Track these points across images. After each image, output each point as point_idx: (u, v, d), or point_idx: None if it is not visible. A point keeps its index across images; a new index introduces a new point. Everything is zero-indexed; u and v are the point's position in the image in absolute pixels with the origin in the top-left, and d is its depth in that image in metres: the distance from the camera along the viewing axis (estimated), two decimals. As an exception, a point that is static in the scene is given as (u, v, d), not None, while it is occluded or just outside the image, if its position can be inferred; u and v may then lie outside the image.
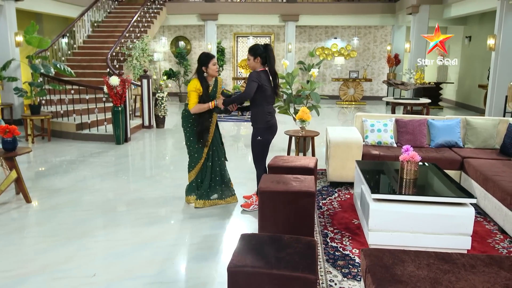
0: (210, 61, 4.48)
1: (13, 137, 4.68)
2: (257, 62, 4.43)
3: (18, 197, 4.98)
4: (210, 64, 4.48)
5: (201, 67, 4.49)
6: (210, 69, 4.49)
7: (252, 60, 4.43)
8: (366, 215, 3.83)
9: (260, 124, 4.47)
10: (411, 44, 12.44)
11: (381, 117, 6.02)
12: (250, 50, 4.46)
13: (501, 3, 8.41)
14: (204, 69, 4.49)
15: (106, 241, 3.88)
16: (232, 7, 14.92)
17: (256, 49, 4.44)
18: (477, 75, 13.33)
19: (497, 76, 8.65)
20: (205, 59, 4.50)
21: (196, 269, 3.40)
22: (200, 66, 4.50)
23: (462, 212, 3.62)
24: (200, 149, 4.68)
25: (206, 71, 4.50)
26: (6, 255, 3.59)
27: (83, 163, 6.70)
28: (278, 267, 2.37)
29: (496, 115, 8.54)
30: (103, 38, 12.21)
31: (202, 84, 4.46)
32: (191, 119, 4.58)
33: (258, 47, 4.46)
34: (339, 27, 16.12)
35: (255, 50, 4.44)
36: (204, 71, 4.50)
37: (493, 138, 5.69)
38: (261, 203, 3.76)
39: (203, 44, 16.46)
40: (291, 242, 2.66)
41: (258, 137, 4.48)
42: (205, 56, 4.52)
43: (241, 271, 2.36)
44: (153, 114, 9.60)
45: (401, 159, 4.07)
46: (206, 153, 4.69)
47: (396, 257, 2.59)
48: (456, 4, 11.13)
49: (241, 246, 2.59)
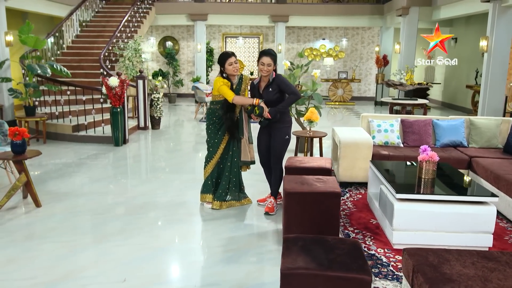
0: (226, 61, 4.41)
1: (23, 139, 4.54)
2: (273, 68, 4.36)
3: (25, 201, 4.84)
4: (226, 64, 4.42)
5: (221, 68, 4.46)
6: (227, 69, 4.42)
7: (273, 65, 4.32)
8: (389, 215, 3.86)
9: (287, 124, 4.49)
10: (401, 45, 12.62)
11: (387, 118, 6.09)
12: (272, 55, 4.29)
13: (493, 6, 8.62)
14: (222, 69, 4.45)
15: (127, 245, 3.80)
16: (221, 7, 14.86)
17: (275, 54, 4.39)
18: (463, 76, 13.63)
19: (489, 77, 8.85)
20: (221, 59, 4.45)
21: (228, 272, 3.35)
22: (220, 67, 4.49)
23: (484, 210, 3.69)
24: (216, 144, 4.64)
25: (224, 72, 4.45)
26: (27, 262, 3.48)
27: (85, 166, 6.56)
28: (332, 268, 2.36)
29: (489, 115, 8.73)
30: (92, 38, 12.00)
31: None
32: (214, 116, 4.56)
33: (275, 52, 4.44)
34: (327, 28, 16.25)
35: (275, 55, 4.36)
36: (224, 72, 4.46)
37: (496, 137, 5.83)
38: (286, 204, 3.75)
39: (192, 45, 16.36)
40: (336, 243, 2.65)
41: (286, 136, 4.49)
42: (221, 56, 4.47)
43: (295, 273, 2.34)
44: (149, 115, 9.48)
45: (420, 159, 4.12)
46: (222, 149, 4.64)
47: (440, 256, 2.62)
48: (446, 6, 11.35)
49: (288, 248, 2.57)
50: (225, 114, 4.51)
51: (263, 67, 4.25)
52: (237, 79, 4.55)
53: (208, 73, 15.94)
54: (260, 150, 4.68)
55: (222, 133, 4.59)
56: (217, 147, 4.65)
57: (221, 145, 4.64)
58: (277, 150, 4.52)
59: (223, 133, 4.59)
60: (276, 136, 4.48)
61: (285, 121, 4.48)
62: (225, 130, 4.57)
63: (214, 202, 4.65)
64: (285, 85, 4.31)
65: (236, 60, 4.45)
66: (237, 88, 4.54)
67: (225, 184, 4.69)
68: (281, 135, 4.47)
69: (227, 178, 4.71)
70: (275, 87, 4.32)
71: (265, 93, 4.36)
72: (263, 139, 4.63)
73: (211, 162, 4.70)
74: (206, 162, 4.74)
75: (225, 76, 4.45)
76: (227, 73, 4.45)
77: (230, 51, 4.50)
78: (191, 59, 16.46)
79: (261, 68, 4.28)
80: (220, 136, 4.61)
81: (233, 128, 4.56)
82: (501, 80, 8.87)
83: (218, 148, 4.65)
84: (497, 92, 8.89)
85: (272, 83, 4.33)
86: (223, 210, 4.63)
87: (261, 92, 4.40)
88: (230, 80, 4.46)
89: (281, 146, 4.51)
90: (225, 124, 4.52)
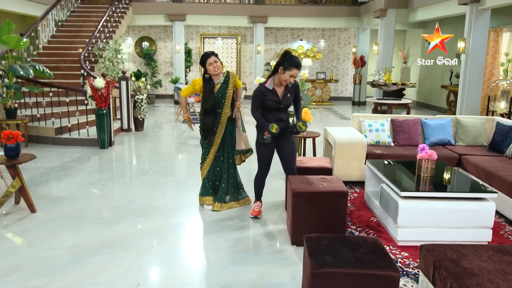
0: (206, 61, 4.36)
1: (17, 143, 4.40)
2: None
3: (18, 207, 4.69)
4: (206, 64, 4.37)
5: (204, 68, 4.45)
6: (208, 69, 4.38)
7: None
8: (393, 213, 3.95)
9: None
10: (379, 46, 12.89)
11: (378, 117, 6.22)
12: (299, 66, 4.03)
13: (470, 8, 8.93)
14: (205, 70, 4.43)
15: (133, 249, 3.74)
16: (200, 8, 14.78)
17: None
18: (437, 77, 14.04)
19: (467, 78, 9.16)
20: (202, 60, 4.41)
21: (240, 273, 3.35)
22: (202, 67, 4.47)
23: (484, 206, 3.84)
24: (208, 146, 4.64)
25: (207, 72, 4.43)
26: (33, 269, 3.37)
27: (73, 169, 6.39)
28: (361, 266, 2.40)
29: (467, 114, 9.04)
30: (68, 38, 11.70)
31: (204, 84, 4.43)
32: (201, 117, 4.57)
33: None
34: (305, 29, 16.41)
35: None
36: (206, 72, 4.44)
37: (481, 135, 6.05)
38: (294, 204, 3.78)
39: (169, 45, 16.20)
40: (358, 242, 2.70)
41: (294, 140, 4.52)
42: (202, 57, 4.42)
43: (326, 272, 2.37)
44: (132, 117, 9.32)
45: (419, 158, 4.24)
46: (214, 153, 4.63)
47: (458, 251, 2.70)
48: (422, 9, 11.68)
49: (313, 248, 2.60)
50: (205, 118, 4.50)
51: (290, 79, 4.01)
52: (222, 78, 4.50)
53: (187, 74, 15.81)
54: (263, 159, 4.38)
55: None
56: (208, 150, 4.66)
57: (211, 148, 4.64)
58: (290, 157, 4.35)
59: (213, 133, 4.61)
60: (290, 138, 4.35)
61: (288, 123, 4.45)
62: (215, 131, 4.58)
63: (214, 204, 4.65)
64: (299, 91, 4.31)
65: (216, 59, 4.37)
66: (223, 87, 4.48)
67: (225, 186, 4.69)
68: (292, 139, 4.42)
69: (225, 180, 4.70)
70: (292, 93, 4.22)
71: (284, 99, 4.18)
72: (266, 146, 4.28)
73: (206, 162, 4.69)
74: (202, 161, 4.75)
75: (207, 77, 4.44)
76: (209, 74, 4.43)
77: (210, 51, 4.44)
78: (168, 59, 16.29)
79: (287, 79, 4.01)
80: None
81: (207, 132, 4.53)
82: (478, 80, 9.19)
83: (209, 150, 4.65)
84: (474, 92, 9.21)
85: (291, 89, 4.21)
86: (224, 211, 4.63)
87: (280, 98, 4.17)
88: (211, 82, 4.45)
89: (293, 149, 4.38)
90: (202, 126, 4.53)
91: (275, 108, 4.17)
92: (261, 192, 4.59)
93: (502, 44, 10.36)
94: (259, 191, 4.57)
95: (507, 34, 10.26)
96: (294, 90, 4.25)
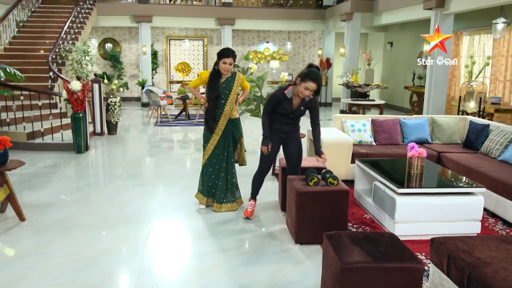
0: (223, 58, 4.50)
1: (5, 149, 4.22)
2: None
3: (5, 215, 4.49)
4: (220, 62, 4.51)
5: (216, 61, 4.56)
6: (220, 66, 4.52)
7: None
8: (389, 209, 4.12)
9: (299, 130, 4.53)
10: (346, 49, 13.25)
11: (359, 118, 6.43)
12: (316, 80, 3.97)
13: (435, 13, 9.38)
14: (217, 63, 4.55)
15: (138, 254, 3.69)
16: (167, 9, 14.62)
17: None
18: (400, 78, 14.62)
19: (433, 79, 9.61)
20: (218, 55, 4.55)
21: (252, 274, 3.38)
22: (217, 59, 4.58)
23: (474, 200, 4.08)
24: (208, 135, 4.69)
25: (217, 65, 4.55)
26: (39, 279, 3.25)
27: (54, 175, 6.18)
28: (387, 260, 2.51)
29: (433, 113, 9.48)
30: (31, 39, 11.26)
31: (211, 75, 4.55)
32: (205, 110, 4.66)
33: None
34: (271, 31, 16.60)
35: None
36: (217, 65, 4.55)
37: (456, 134, 6.39)
38: (298, 203, 3.86)
39: (134, 47, 15.91)
40: (377, 237, 2.82)
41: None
42: (221, 52, 4.55)
43: (355, 267, 2.46)
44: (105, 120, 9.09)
45: (410, 156, 4.44)
46: (214, 144, 4.66)
47: (466, 242, 2.87)
48: (387, 13, 12.13)
49: (336, 244, 2.68)
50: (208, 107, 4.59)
51: (305, 92, 3.98)
52: (229, 74, 4.63)
53: (153, 76, 15.57)
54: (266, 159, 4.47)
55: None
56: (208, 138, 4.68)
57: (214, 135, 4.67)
58: (298, 160, 4.46)
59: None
60: (292, 145, 4.41)
61: (298, 129, 4.51)
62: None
63: (215, 204, 4.67)
64: (316, 109, 4.29)
65: (231, 62, 4.50)
66: (228, 80, 4.59)
67: (222, 186, 4.70)
68: (297, 142, 4.46)
69: (224, 180, 4.72)
70: (306, 107, 4.24)
71: (296, 111, 4.22)
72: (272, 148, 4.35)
73: (205, 153, 4.72)
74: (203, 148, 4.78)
75: (217, 69, 4.55)
76: (218, 68, 4.55)
77: (231, 50, 4.55)
78: (133, 61, 15.99)
79: (302, 92, 3.99)
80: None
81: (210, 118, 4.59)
82: (443, 81, 9.67)
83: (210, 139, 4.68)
84: (439, 92, 9.68)
85: (307, 103, 4.21)
86: (223, 212, 4.65)
87: (293, 108, 4.20)
88: (219, 75, 4.57)
89: (299, 153, 4.46)
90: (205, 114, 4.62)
91: (285, 116, 4.24)
92: (258, 190, 4.68)
93: (462, 47, 10.96)
94: (256, 189, 4.66)
95: (467, 37, 10.86)
96: (310, 106, 4.22)
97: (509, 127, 5.72)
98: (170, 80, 16.25)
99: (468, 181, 4.41)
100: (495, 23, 7.92)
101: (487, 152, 5.61)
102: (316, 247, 3.86)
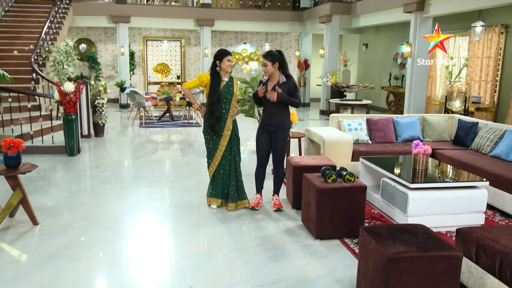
0: (225, 57, 4.60)
1: (18, 152, 4.14)
2: (275, 68, 4.62)
3: (16, 219, 4.39)
4: (224, 59, 4.60)
5: (216, 61, 4.61)
6: (224, 64, 4.60)
7: (271, 65, 4.57)
8: (401, 204, 4.31)
9: (288, 127, 4.72)
10: (325, 50, 13.53)
11: (355, 117, 6.64)
12: (268, 56, 4.58)
13: (415, 16, 9.77)
14: (218, 63, 4.61)
15: (163, 254, 3.71)
16: (145, 10, 14.48)
17: (274, 55, 4.61)
18: (375, 79, 15.06)
19: (413, 80, 10.00)
20: (221, 54, 4.62)
21: (281, 269, 3.47)
22: (214, 61, 4.64)
23: (478, 193, 4.34)
24: (215, 142, 4.71)
25: (219, 65, 4.61)
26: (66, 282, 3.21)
27: (50, 179, 6.06)
28: (429, 249, 2.68)
29: (414, 113, 9.86)
30: (8, 40, 10.90)
31: (211, 78, 4.60)
32: (207, 114, 4.66)
33: (275, 53, 4.64)
34: (248, 32, 16.72)
35: (272, 55, 4.60)
36: (218, 65, 4.61)
37: (445, 131, 6.71)
38: (319, 200, 3.99)
39: (110, 47, 15.65)
40: (411, 229, 2.98)
41: (287, 138, 4.77)
42: (221, 51, 4.65)
43: (401, 257, 2.61)
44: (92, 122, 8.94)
45: (415, 153, 4.66)
46: (223, 149, 4.71)
47: (490, 232, 3.08)
48: (365, 15, 12.49)
49: (378, 237, 2.82)
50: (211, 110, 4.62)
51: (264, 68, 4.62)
52: (227, 77, 4.71)
53: (131, 77, 15.36)
54: (261, 152, 4.82)
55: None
56: (217, 144, 4.72)
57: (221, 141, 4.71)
58: (281, 151, 4.76)
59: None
60: (279, 138, 4.71)
61: (286, 125, 4.73)
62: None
63: (229, 204, 4.74)
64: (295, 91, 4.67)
65: (231, 59, 4.69)
66: (228, 84, 4.68)
67: (234, 184, 4.78)
68: (283, 137, 4.72)
69: (234, 178, 4.79)
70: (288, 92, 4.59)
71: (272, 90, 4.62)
72: (263, 140, 4.76)
73: (214, 158, 4.76)
74: (209, 160, 4.82)
75: (218, 70, 4.62)
76: (221, 68, 4.61)
77: (228, 50, 4.70)
78: (110, 62, 15.73)
79: (264, 70, 4.64)
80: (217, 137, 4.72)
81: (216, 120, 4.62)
82: (423, 82, 10.09)
83: (218, 145, 4.72)
84: (419, 92, 10.08)
85: (286, 87, 4.57)
86: (236, 211, 4.73)
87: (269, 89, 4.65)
88: (219, 76, 4.63)
89: (283, 147, 4.76)
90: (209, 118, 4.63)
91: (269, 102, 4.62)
92: (261, 185, 4.91)
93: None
94: (260, 184, 4.91)
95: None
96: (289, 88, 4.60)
97: (497, 124, 6.08)
98: (147, 81, 16.08)
99: (472, 175, 4.67)
100: (474, 26, 8.34)
101: (478, 149, 5.94)
102: (335, 242, 4.00)
